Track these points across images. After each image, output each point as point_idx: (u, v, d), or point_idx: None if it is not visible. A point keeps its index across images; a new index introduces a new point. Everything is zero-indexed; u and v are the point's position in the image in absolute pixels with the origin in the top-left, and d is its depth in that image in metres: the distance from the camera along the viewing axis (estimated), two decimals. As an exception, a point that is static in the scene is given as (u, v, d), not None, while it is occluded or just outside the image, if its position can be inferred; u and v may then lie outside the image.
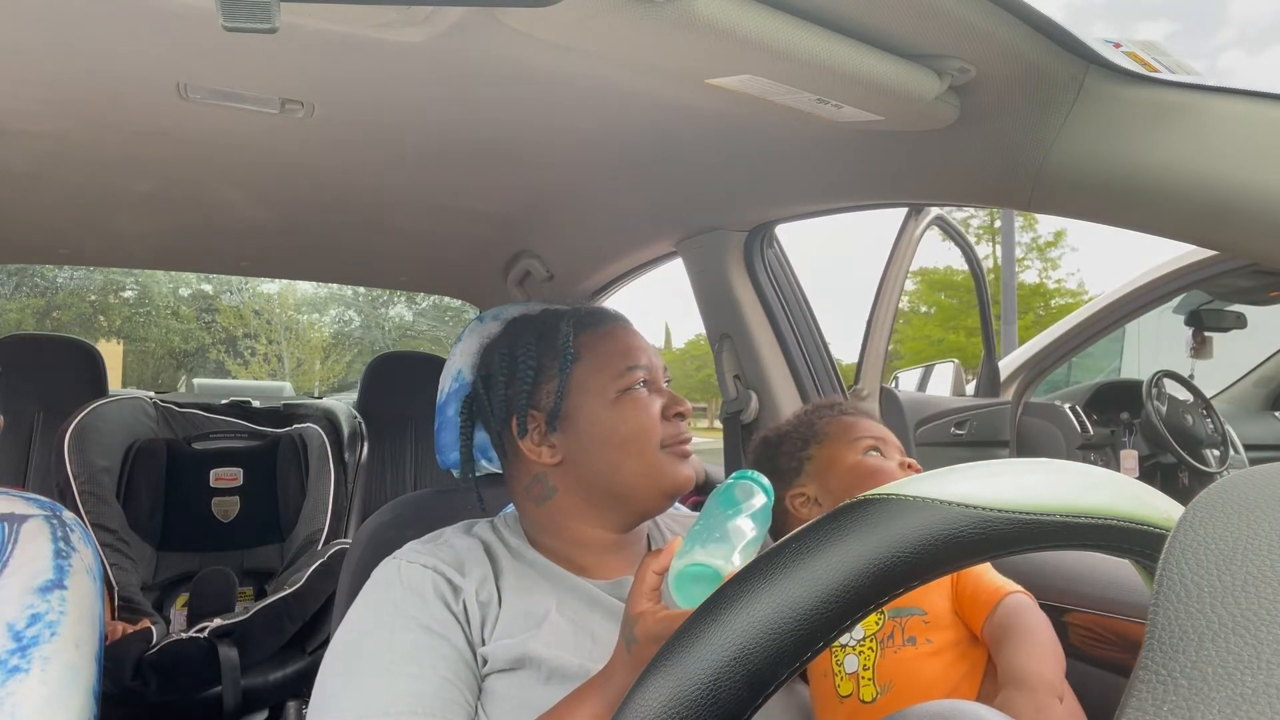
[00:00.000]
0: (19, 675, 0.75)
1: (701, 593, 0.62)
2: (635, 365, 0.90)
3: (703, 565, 0.64)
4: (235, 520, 2.17)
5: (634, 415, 0.88)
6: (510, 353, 0.92)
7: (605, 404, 0.88)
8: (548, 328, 0.93)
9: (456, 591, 0.82)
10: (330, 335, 20.49)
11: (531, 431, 0.89)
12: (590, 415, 0.88)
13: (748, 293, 1.35)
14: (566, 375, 0.88)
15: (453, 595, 0.82)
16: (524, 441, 0.89)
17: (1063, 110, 0.77)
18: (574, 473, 0.89)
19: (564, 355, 0.89)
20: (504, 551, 0.90)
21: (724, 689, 0.32)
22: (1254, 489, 0.29)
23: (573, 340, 0.90)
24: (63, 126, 1.07)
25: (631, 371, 0.89)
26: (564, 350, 0.89)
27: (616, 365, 0.89)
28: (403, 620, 0.79)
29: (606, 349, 0.91)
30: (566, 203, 1.42)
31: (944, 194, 0.99)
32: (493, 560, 0.87)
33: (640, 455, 0.87)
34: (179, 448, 2.17)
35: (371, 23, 0.67)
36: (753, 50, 0.67)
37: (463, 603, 0.82)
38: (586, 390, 0.89)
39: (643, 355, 0.92)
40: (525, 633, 0.80)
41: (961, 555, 0.34)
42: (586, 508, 0.89)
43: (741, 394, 1.37)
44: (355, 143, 1.14)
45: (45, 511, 0.88)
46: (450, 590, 0.82)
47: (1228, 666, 0.23)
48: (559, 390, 0.88)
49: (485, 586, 0.84)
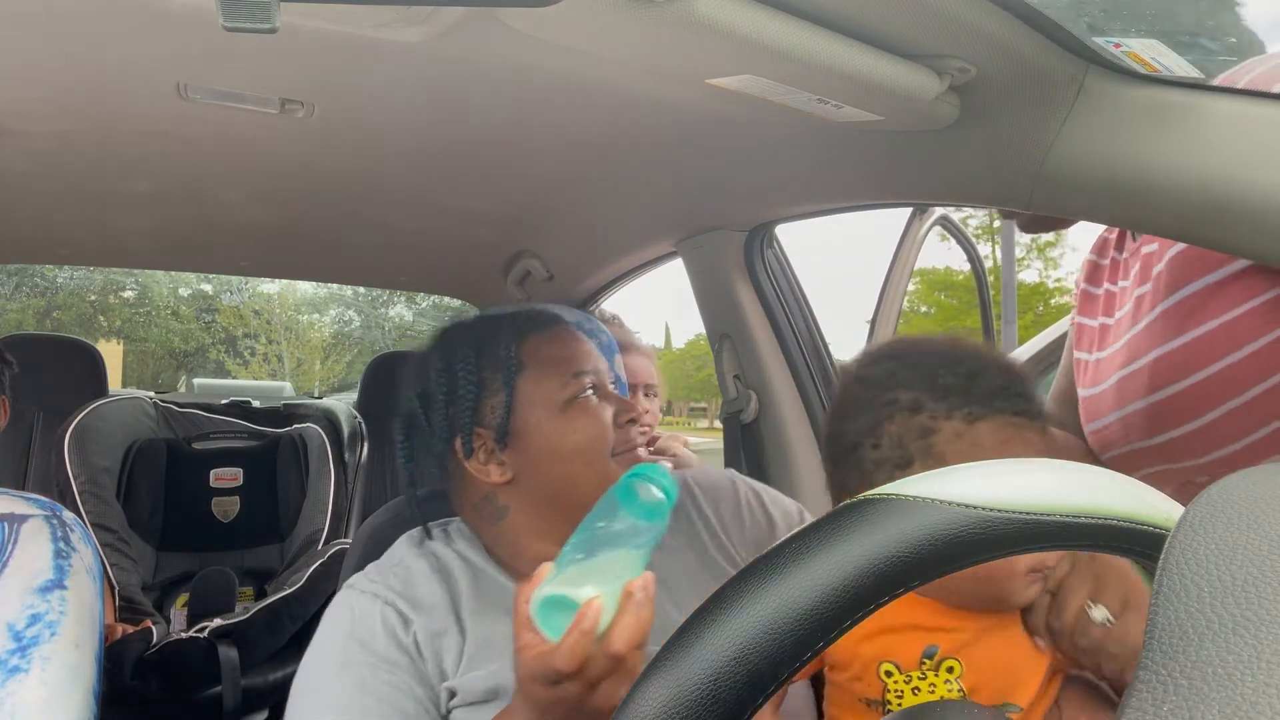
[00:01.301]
0: (19, 675, 0.75)
1: (565, 621, 0.58)
2: (582, 371, 0.85)
3: (559, 595, 0.60)
4: (235, 520, 2.17)
5: (584, 424, 0.83)
6: (448, 368, 0.85)
7: (553, 414, 0.83)
8: (486, 337, 0.87)
9: (407, 624, 0.79)
10: (330, 335, 20.50)
11: (478, 450, 0.84)
12: (538, 427, 0.83)
13: (748, 293, 1.35)
14: (512, 387, 0.83)
15: (403, 628, 0.79)
16: (470, 462, 0.84)
17: (1063, 110, 0.77)
18: (526, 489, 0.84)
19: (507, 366, 0.84)
20: (462, 570, 0.85)
21: (724, 689, 0.32)
22: (1254, 489, 0.29)
23: (515, 349, 0.85)
24: (63, 126, 1.07)
25: (579, 378, 0.85)
26: (506, 361, 0.84)
27: (563, 373, 0.85)
28: (355, 654, 0.77)
29: (551, 355, 0.86)
30: (566, 203, 1.42)
31: (944, 194, 0.99)
32: (449, 583, 0.83)
33: (593, 465, 0.82)
34: (179, 448, 2.17)
35: (371, 23, 0.67)
36: (753, 50, 0.67)
37: (413, 636, 0.79)
38: (533, 401, 0.84)
39: (588, 360, 0.87)
40: (496, 663, 0.77)
41: (961, 555, 0.34)
42: (542, 524, 0.84)
43: (741, 394, 1.37)
44: (355, 143, 1.14)
45: (45, 511, 0.88)
46: (400, 623, 0.79)
47: (1228, 666, 0.23)
48: (506, 404, 0.83)
49: (437, 616, 0.80)
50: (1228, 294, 0.74)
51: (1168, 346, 0.79)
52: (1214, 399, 0.76)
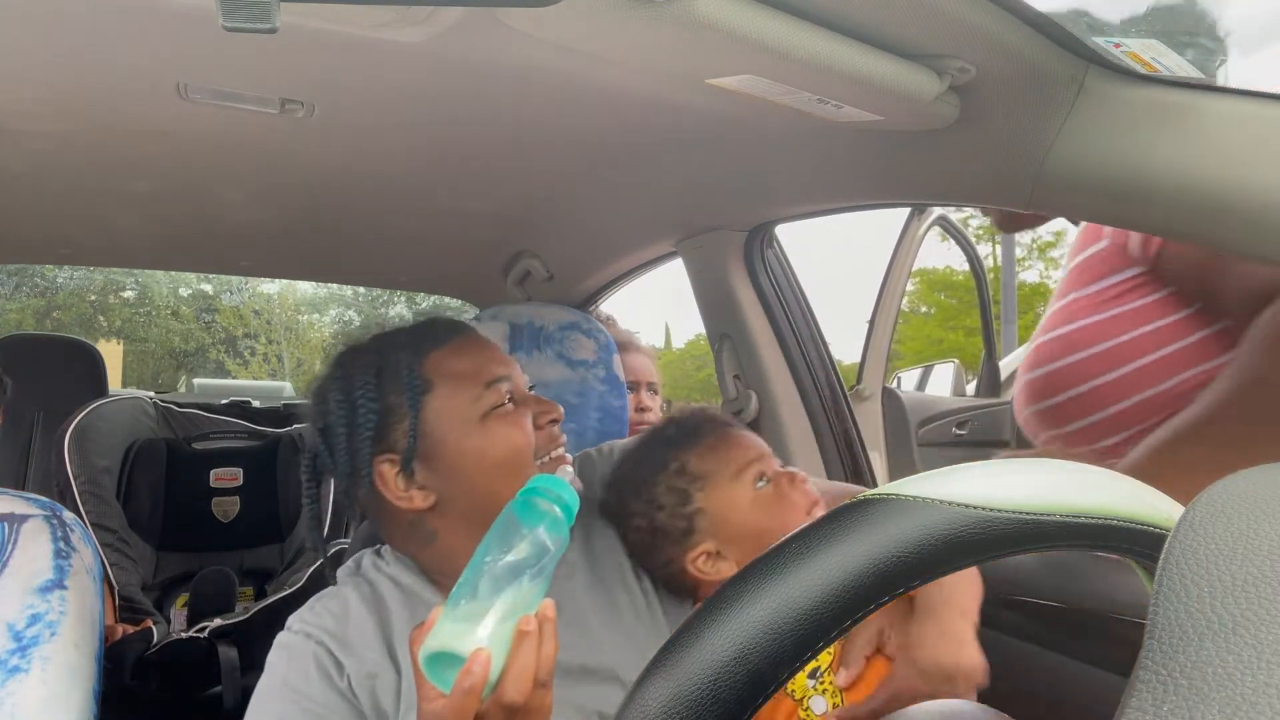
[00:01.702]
0: (19, 675, 0.75)
1: (453, 674, 0.55)
2: (495, 379, 0.82)
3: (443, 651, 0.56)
4: (235, 520, 2.17)
5: (504, 434, 0.80)
6: (347, 397, 0.81)
7: (470, 429, 0.80)
8: (386, 359, 0.82)
9: (340, 668, 0.76)
10: (330, 335, 20.48)
11: (392, 479, 0.80)
12: (456, 446, 0.80)
13: (748, 293, 1.35)
14: (418, 409, 0.79)
15: (336, 671, 0.76)
16: (387, 490, 0.80)
17: (1063, 110, 0.77)
18: (452, 510, 0.80)
19: (410, 387, 0.79)
20: (396, 599, 0.81)
21: (724, 689, 0.32)
22: (1254, 489, 0.29)
23: (418, 367, 0.81)
24: (63, 126, 1.07)
25: (494, 387, 0.81)
26: (409, 382, 0.80)
27: (475, 385, 0.81)
28: (291, 698, 0.75)
29: (460, 368, 0.82)
30: (566, 203, 1.42)
31: (944, 194, 0.99)
32: (381, 615, 0.80)
33: (519, 475, 0.77)
34: (179, 448, 2.17)
35: (371, 23, 0.67)
36: (753, 50, 0.67)
37: (346, 678, 0.76)
38: (447, 419, 0.80)
39: (501, 366, 0.84)
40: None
41: (961, 555, 0.34)
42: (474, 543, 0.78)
43: (741, 394, 1.37)
44: (355, 143, 1.14)
45: (45, 512, 0.88)
46: (333, 664, 0.76)
47: (1228, 666, 0.23)
48: (412, 428, 0.79)
49: (369, 657, 0.77)
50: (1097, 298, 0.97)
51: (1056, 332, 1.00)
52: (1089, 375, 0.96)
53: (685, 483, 0.85)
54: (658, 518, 0.85)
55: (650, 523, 0.85)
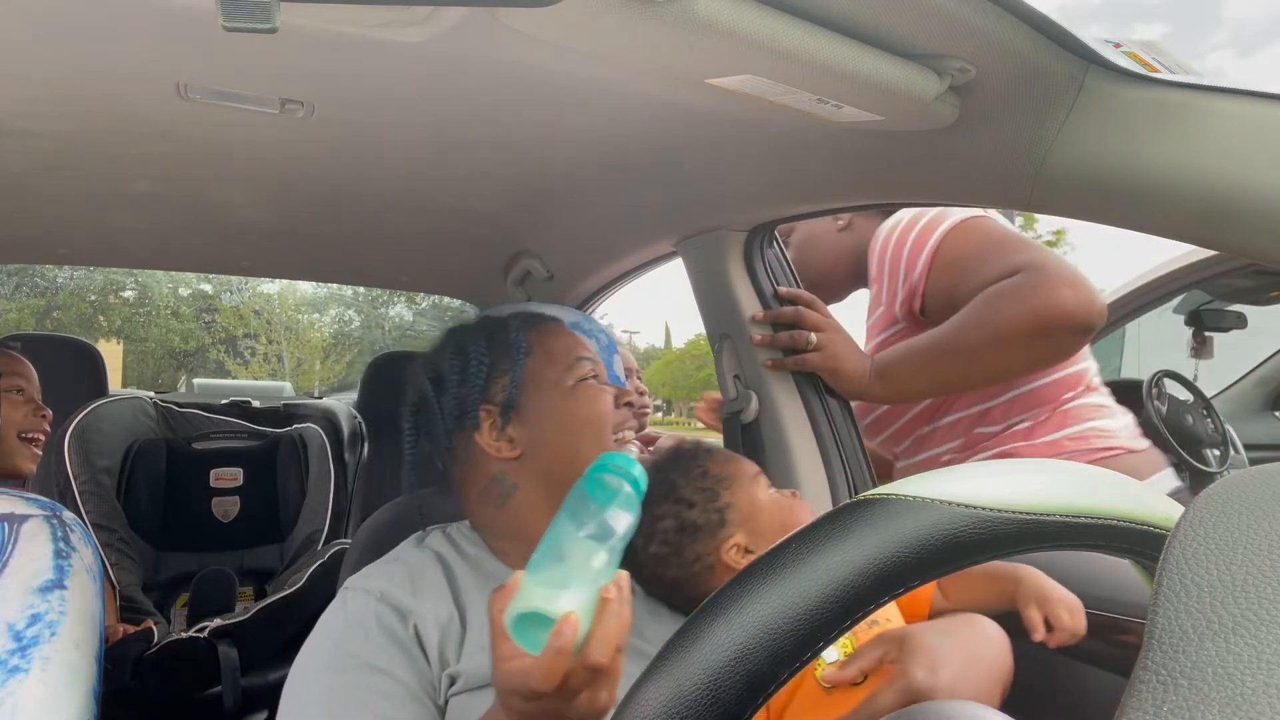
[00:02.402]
0: (19, 675, 0.75)
1: (541, 635, 0.56)
2: (584, 357, 0.93)
3: (534, 611, 0.57)
4: (235, 520, 2.17)
5: (589, 402, 0.91)
6: (460, 351, 0.92)
7: (561, 393, 0.90)
8: (494, 327, 0.95)
9: (405, 616, 0.79)
10: (330, 335, 20.51)
11: (487, 427, 0.89)
12: (547, 405, 0.90)
13: (748, 293, 1.35)
14: (520, 368, 0.90)
15: (401, 622, 0.79)
16: (482, 437, 0.89)
17: (1063, 110, 0.77)
18: (533, 465, 0.89)
19: (516, 349, 0.91)
20: (461, 564, 0.87)
21: (724, 689, 0.32)
22: (1254, 489, 0.29)
23: (523, 336, 0.93)
24: (63, 126, 1.07)
25: (581, 363, 0.92)
26: (515, 344, 0.91)
27: (567, 357, 0.93)
28: (344, 660, 0.77)
29: (554, 343, 0.94)
30: (566, 203, 1.42)
31: (944, 194, 0.99)
32: (450, 576, 0.85)
33: (599, 440, 0.89)
34: (179, 448, 2.17)
35: (371, 23, 0.67)
36: (753, 50, 0.67)
37: (413, 627, 0.79)
38: (541, 381, 0.91)
39: (586, 350, 0.95)
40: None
41: (961, 555, 0.34)
42: (548, 500, 0.86)
43: (741, 394, 1.37)
44: (355, 143, 1.14)
45: (45, 511, 0.88)
46: (398, 617, 0.79)
47: (1228, 666, 0.23)
48: (512, 383, 0.89)
49: (443, 606, 0.81)
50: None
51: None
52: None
53: (711, 482, 0.91)
54: (689, 515, 0.89)
55: (680, 521, 0.89)
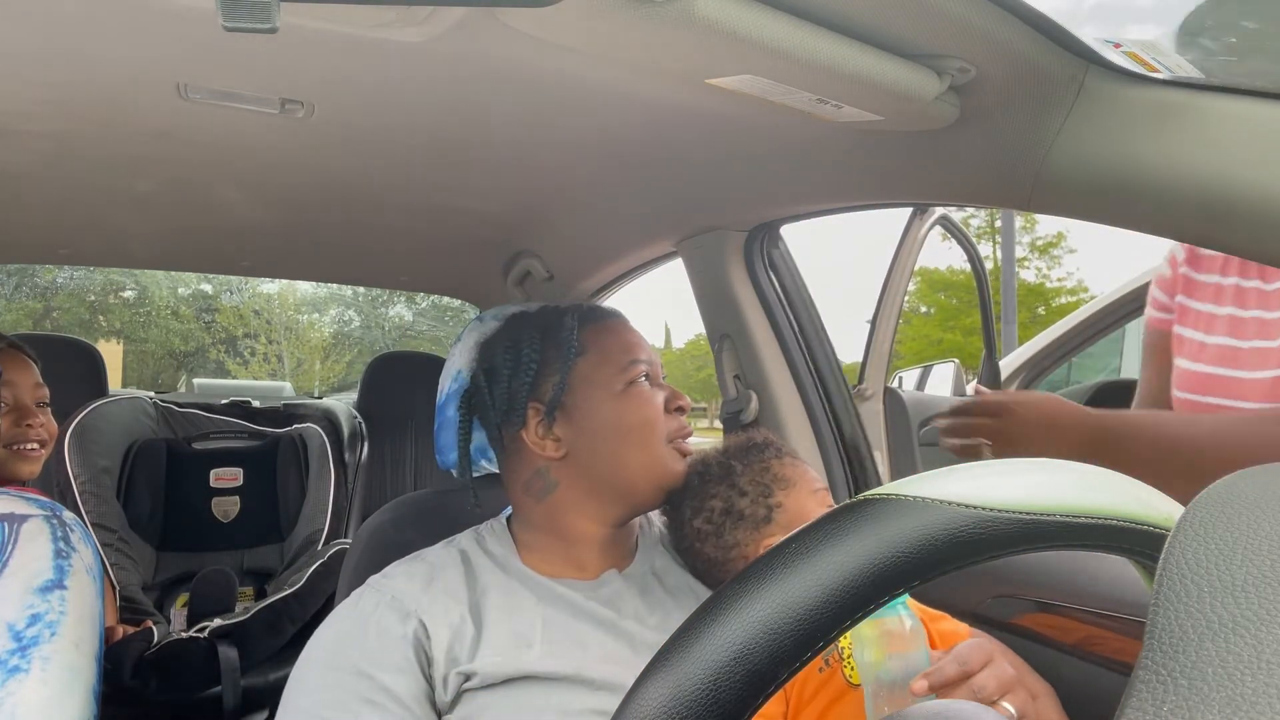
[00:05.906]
0: (19, 675, 0.75)
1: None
2: (638, 359, 0.91)
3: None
4: (235, 520, 2.17)
5: (639, 407, 0.89)
6: (514, 345, 0.92)
7: (611, 396, 0.89)
8: (551, 322, 0.93)
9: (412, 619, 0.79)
10: (330, 335, 20.49)
11: (534, 424, 0.89)
12: (596, 407, 0.89)
13: (748, 293, 1.35)
14: (569, 368, 0.89)
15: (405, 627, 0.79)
16: (528, 434, 0.89)
17: (1063, 110, 0.77)
18: (577, 465, 0.89)
19: (567, 348, 0.90)
20: (486, 564, 0.88)
21: (724, 689, 0.32)
22: (1254, 489, 0.29)
23: (577, 334, 0.91)
24: (63, 126, 1.07)
25: (635, 365, 0.91)
26: (568, 343, 0.90)
27: (621, 359, 0.91)
28: (340, 659, 0.77)
29: (610, 343, 0.92)
30: (566, 203, 1.42)
31: (944, 194, 0.99)
32: (472, 575, 0.86)
33: (645, 447, 0.88)
34: (179, 448, 2.17)
35: (371, 23, 0.67)
36: (753, 50, 0.67)
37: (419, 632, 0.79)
38: (592, 383, 0.89)
39: (643, 351, 0.93)
40: (516, 651, 0.78)
41: (961, 555, 0.34)
42: (587, 501, 0.88)
43: (741, 394, 1.37)
44: (355, 143, 1.14)
45: (45, 511, 0.88)
46: (403, 621, 0.79)
47: (1228, 666, 0.23)
48: (560, 383, 0.89)
49: (456, 606, 0.81)
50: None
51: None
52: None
53: (770, 479, 0.92)
54: (738, 502, 0.90)
55: (728, 505, 0.90)
